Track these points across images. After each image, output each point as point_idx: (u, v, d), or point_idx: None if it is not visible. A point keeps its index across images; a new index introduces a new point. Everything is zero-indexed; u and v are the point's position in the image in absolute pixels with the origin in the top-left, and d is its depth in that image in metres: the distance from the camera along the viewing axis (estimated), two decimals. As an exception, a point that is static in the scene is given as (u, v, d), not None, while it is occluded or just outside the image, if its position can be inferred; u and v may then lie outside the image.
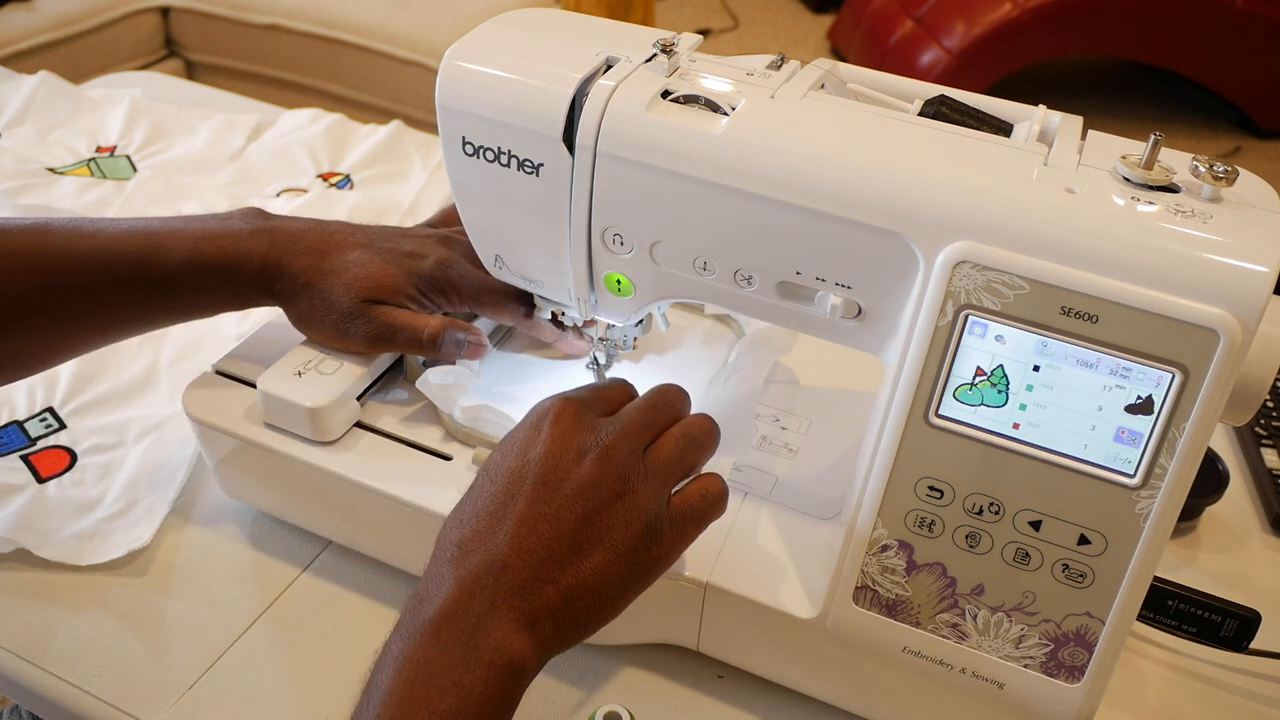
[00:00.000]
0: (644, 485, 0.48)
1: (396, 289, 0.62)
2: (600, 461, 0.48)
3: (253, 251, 0.62)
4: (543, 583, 0.45)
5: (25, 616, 0.62)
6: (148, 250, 0.60)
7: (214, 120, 1.14)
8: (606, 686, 0.61)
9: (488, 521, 0.47)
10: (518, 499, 0.47)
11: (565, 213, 0.55)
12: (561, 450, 0.48)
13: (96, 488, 0.70)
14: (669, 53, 0.53)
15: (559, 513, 0.47)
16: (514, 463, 0.49)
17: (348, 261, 0.62)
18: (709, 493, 0.51)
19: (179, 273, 0.60)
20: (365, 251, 0.63)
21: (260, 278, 0.62)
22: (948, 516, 0.50)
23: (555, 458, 0.48)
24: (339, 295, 0.61)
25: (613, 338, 0.68)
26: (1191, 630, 0.61)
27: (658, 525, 0.48)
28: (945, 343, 0.47)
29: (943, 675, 0.53)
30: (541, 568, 0.46)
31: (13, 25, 2.02)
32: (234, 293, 0.63)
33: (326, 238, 0.63)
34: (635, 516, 0.48)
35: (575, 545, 0.46)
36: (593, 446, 0.48)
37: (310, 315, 0.63)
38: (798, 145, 0.49)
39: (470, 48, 0.55)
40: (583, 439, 0.49)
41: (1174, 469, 0.45)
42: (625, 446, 0.49)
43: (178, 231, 0.61)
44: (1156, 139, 0.46)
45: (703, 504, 0.51)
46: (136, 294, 0.61)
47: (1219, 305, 0.42)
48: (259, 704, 0.59)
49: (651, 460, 0.50)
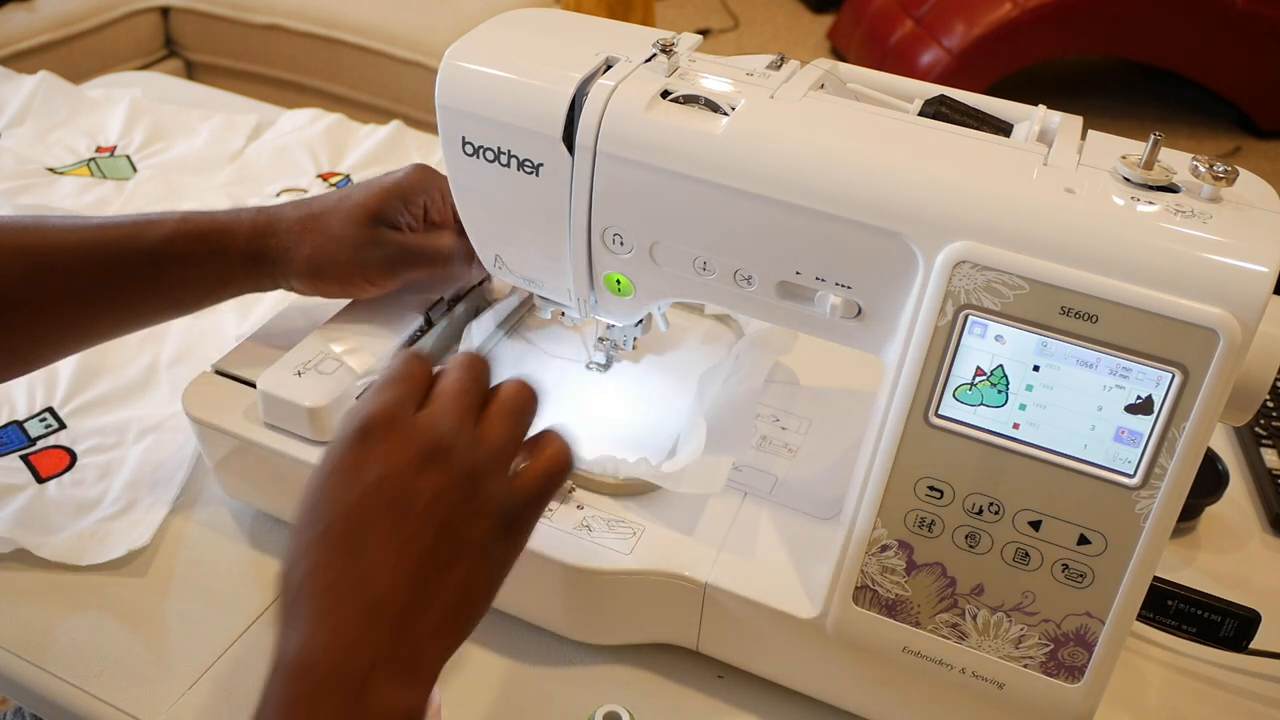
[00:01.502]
0: (487, 478, 0.45)
1: (388, 205, 0.64)
2: (442, 466, 0.44)
3: (241, 219, 0.63)
4: (418, 614, 0.42)
5: (25, 616, 0.62)
6: (138, 228, 0.61)
7: (214, 120, 1.14)
8: (606, 686, 0.61)
9: (343, 560, 0.42)
10: (373, 528, 0.42)
11: (565, 213, 0.55)
12: (402, 466, 0.43)
13: (96, 488, 0.70)
14: (669, 53, 0.53)
15: (419, 532, 0.43)
16: (351, 492, 0.43)
17: (334, 200, 0.64)
18: (553, 462, 0.48)
19: (168, 243, 0.61)
20: (345, 193, 0.65)
21: (251, 246, 0.62)
22: (948, 516, 0.50)
23: (397, 476, 0.43)
24: (343, 229, 0.63)
25: (613, 338, 0.68)
26: (1191, 630, 0.61)
27: (510, 515, 0.45)
28: (945, 343, 0.47)
29: (943, 675, 0.53)
30: (414, 597, 0.42)
31: (13, 25, 2.02)
32: (224, 264, 0.63)
33: (307, 201, 0.65)
34: (488, 513, 0.44)
35: (441, 561, 0.43)
36: (430, 450, 0.44)
37: (320, 259, 0.63)
38: (797, 145, 0.49)
39: (470, 48, 0.55)
40: (415, 445, 0.44)
41: (1174, 469, 0.45)
42: (461, 441, 0.45)
43: (167, 212, 0.63)
44: (1156, 139, 0.46)
45: (547, 478, 0.47)
46: (126, 271, 0.61)
47: (1219, 305, 0.42)
48: (259, 704, 0.59)
49: (486, 447, 0.45)
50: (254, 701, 0.40)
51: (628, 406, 0.68)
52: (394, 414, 0.45)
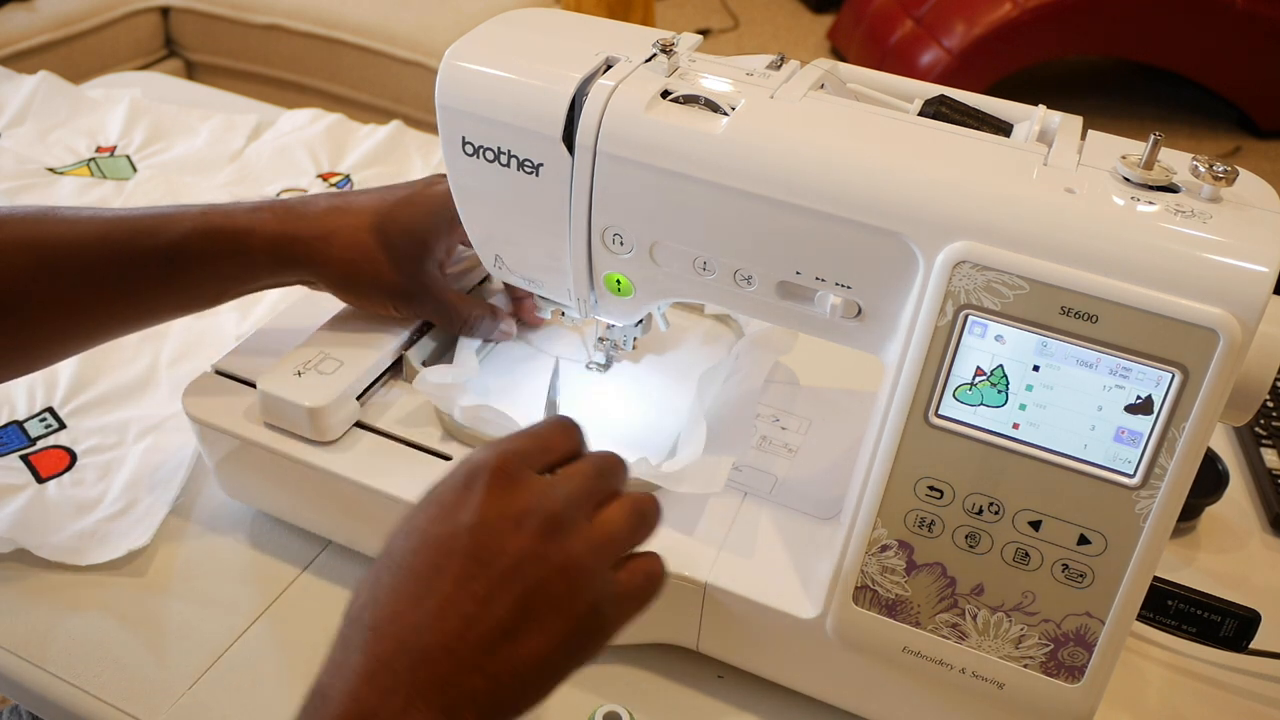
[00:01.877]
0: (591, 560, 0.42)
1: (439, 246, 0.63)
2: (542, 532, 0.41)
3: (264, 219, 0.61)
4: (469, 672, 0.39)
5: (25, 616, 0.62)
6: (154, 222, 0.59)
7: (214, 120, 1.14)
8: (606, 686, 0.61)
9: (408, 601, 0.40)
10: (444, 575, 0.40)
11: (565, 213, 0.55)
12: (497, 518, 0.41)
13: (96, 488, 0.70)
14: (669, 53, 0.53)
15: (492, 593, 0.40)
16: (440, 528, 0.41)
17: (375, 213, 0.62)
18: (653, 572, 0.45)
19: (186, 241, 0.59)
20: (389, 210, 0.63)
21: (276, 246, 0.61)
22: (947, 516, 0.50)
23: (489, 527, 0.41)
24: (390, 259, 0.62)
25: (613, 338, 0.68)
26: (1191, 630, 0.61)
27: (603, 606, 0.42)
28: (945, 343, 0.47)
29: (943, 675, 0.53)
30: (469, 656, 0.39)
31: (13, 25, 2.02)
32: (245, 264, 0.61)
33: (341, 204, 0.63)
34: (580, 597, 0.41)
35: (509, 630, 0.40)
36: (533, 512, 0.41)
37: (359, 279, 0.62)
38: (797, 145, 0.49)
39: (470, 48, 0.55)
40: (521, 503, 0.42)
41: (1174, 469, 0.45)
42: (571, 515, 0.42)
43: (185, 208, 0.61)
44: (1156, 139, 0.46)
45: (647, 583, 0.44)
46: (142, 268, 0.59)
47: (1219, 305, 0.42)
48: (259, 704, 0.59)
49: (599, 532, 0.43)
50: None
51: (628, 406, 0.68)
52: (512, 467, 0.43)
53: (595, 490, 0.44)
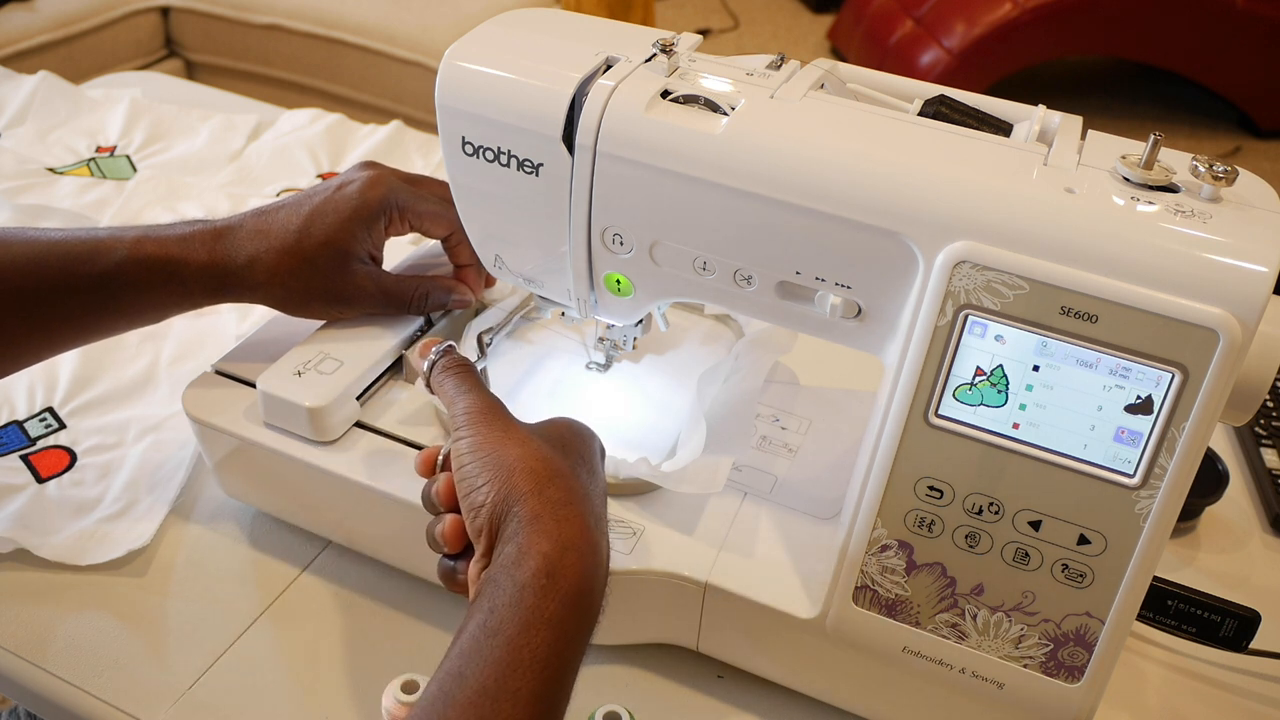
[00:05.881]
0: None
1: (355, 241, 0.63)
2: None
3: (195, 247, 0.62)
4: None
5: (25, 616, 0.62)
6: (87, 248, 0.60)
7: (214, 120, 1.14)
8: (606, 686, 0.61)
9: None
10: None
11: (565, 213, 0.55)
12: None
13: (96, 488, 0.70)
14: (669, 53, 0.53)
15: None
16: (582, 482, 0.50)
17: (295, 229, 0.62)
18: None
19: (119, 270, 0.60)
20: (305, 223, 0.63)
21: (207, 273, 0.62)
22: (947, 516, 0.50)
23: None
24: (310, 271, 0.62)
25: (613, 338, 0.68)
26: (1191, 630, 0.61)
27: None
28: (945, 343, 0.47)
29: (942, 675, 0.53)
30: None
31: (13, 25, 2.02)
32: (179, 292, 0.62)
33: (265, 222, 0.64)
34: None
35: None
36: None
37: (290, 294, 0.63)
38: (797, 145, 0.49)
39: (470, 48, 0.55)
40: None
41: (1174, 469, 0.45)
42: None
43: (120, 233, 0.61)
44: (1156, 139, 0.46)
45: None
46: (76, 294, 0.60)
47: (1219, 305, 0.42)
48: (259, 704, 0.59)
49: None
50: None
51: (628, 406, 0.68)
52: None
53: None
